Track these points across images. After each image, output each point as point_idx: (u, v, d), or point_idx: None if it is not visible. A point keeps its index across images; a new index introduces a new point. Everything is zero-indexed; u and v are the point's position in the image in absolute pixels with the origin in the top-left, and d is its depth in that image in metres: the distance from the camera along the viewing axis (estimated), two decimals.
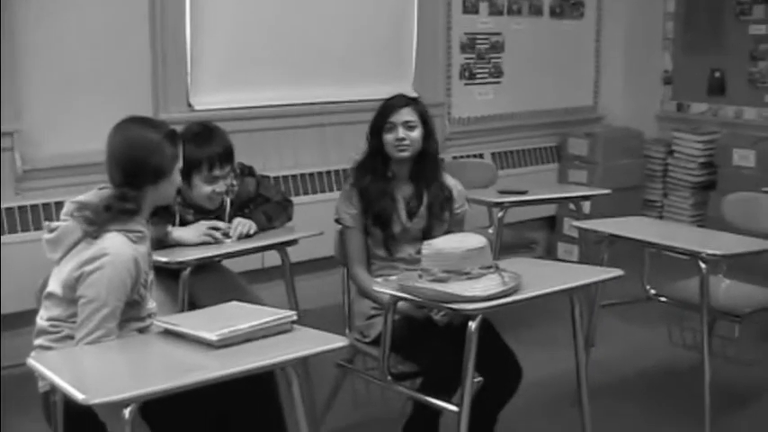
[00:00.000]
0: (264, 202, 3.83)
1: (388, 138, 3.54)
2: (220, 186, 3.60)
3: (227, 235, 3.62)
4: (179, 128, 3.15)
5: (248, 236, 3.68)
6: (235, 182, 3.71)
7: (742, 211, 4.60)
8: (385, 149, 3.56)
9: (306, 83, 5.53)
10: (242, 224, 3.68)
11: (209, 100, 5.15)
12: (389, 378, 3.32)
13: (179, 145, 2.91)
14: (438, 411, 3.26)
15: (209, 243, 3.57)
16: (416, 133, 3.56)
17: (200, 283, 3.57)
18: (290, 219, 3.91)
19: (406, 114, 3.56)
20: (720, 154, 6.73)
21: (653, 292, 4.38)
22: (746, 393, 4.42)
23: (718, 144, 6.79)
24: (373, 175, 3.57)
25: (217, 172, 3.56)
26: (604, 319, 4.62)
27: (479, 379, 3.28)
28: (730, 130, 6.87)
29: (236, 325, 2.58)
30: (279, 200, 3.88)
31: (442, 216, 3.60)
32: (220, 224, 3.64)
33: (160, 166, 2.83)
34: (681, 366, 4.59)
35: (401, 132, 3.53)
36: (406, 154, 3.55)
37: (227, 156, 3.60)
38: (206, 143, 3.55)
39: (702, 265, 3.79)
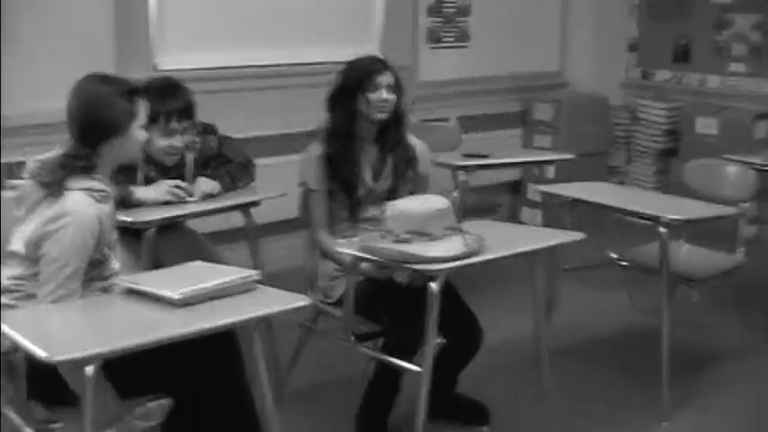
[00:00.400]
0: (227, 163, 3.81)
1: (372, 97, 3.52)
2: (177, 141, 3.55)
3: (189, 194, 3.61)
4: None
5: (211, 196, 3.67)
6: (196, 139, 3.69)
7: (703, 177, 4.65)
8: (361, 109, 3.55)
9: (271, 44, 5.50)
10: (205, 183, 3.66)
11: (174, 60, 5.10)
12: (352, 338, 3.35)
13: (137, 102, 2.86)
14: (400, 371, 3.29)
15: (173, 202, 3.56)
16: (394, 96, 3.56)
17: (163, 244, 3.56)
18: (252, 180, 3.89)
19: (389, 77, 3.57)
20: (684, 122, 6.78)
21: (614, 256, 4.42)
22: (705, 356, 4.49)
23: (681, 112, 6.84)
24: (344, 139, 3.56)
25: (174, 125, 3.52)
26: (566, 283, 4.67)
27: (441, 340, 3.31)
28: (694, 98, 6.91)
29: (198, 284, 2.59)
30: (241, 160, 3.85)
31: (406, 176, 3.61)
32: (182, 183, 3.62)
33: (112, 121, 2.80)
34: (641, 330, 4.65)
35: (385, 94, 3.54)
36: (384, 115, 3.56)
37: (185, 110, 3.55)
38: (165, 97, 3.51)
39: (663, 230, 3.82)
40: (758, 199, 5.91)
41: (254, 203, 3.81)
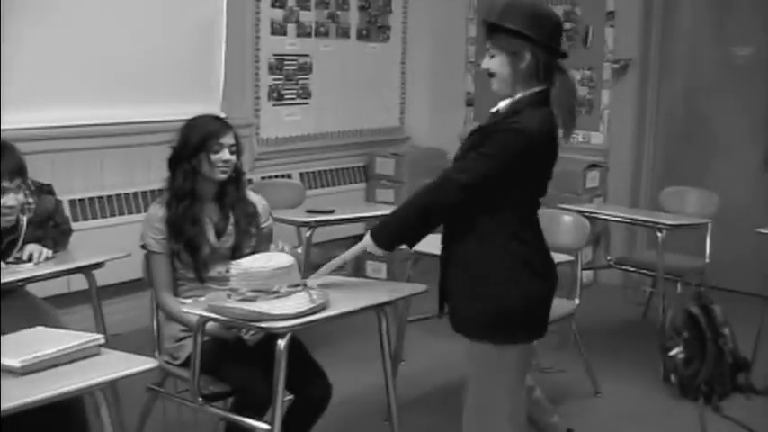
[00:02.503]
0: (54, 227, 3.77)
1: (215, 158, 3.50)
2: (10, 200, 3.46)
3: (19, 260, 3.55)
4: None
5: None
6: (30, 200, 3.62)
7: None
8: (202, 170, 3.54)
9: (111, 103, 5.44)
10: (35, 251, 3.61)
11: (12, 119, 4.98)
12: (200, 399, 3.31)
13: None
14: (250, 430, 3.27)
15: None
16: (235, 157, 3.57)
17: (2, 310, 3.45)
18: (65, 247, 3.85)
19: (230, 138, 3.56)
20: None
21: None
22: (549, 397, 4.62)
23: None
24: (188, 201, 3.54)
25: (6, 184, 3.44)
26: (413, 334, 4.74)
27: (290, 397, 3.33)
28: None
29: (40, 350, 2.53)
30: (66, 227, 3.84)
31: (249, 232, 3.62)
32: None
33: None
34: None
35: (227, 155, 3.54)
36: (225, 176, 3.55)
37: (17, 170, 3.50)
38: None
39: None
40: (592, 245, 6.19)
41: (97, 265, 3.76)
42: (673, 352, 4.73)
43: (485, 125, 2.97)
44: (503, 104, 2.93)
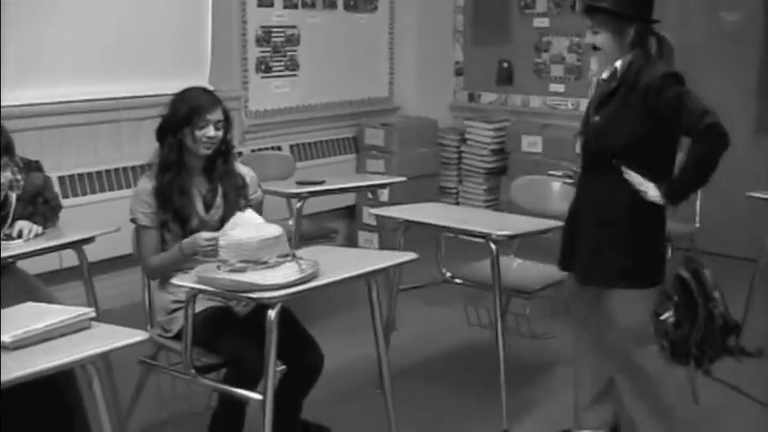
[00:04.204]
0: (44, 203, 3.78)
1: (199, 134, 3.49)
2: None
3: (9, 236, 3.56)
4: None
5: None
6: (19, 176, 3.62)
7: (530, 193, 4.84)
8: (187, 144, 3.54)
9: (99, 79, 5.41)
10: (25, 228, 3.62)
11: (4, 96, 4.96)
12: (193, 371, 3.32)
13: None
14: (244, 401, 3.29)
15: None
16: (221, 132, 3.56)
17: None
18: (55, 223, 3.86)
19: (218, 113, 3.54)
20: (510, 141, 7.04)
21: (449, 274, 4.54)
22: (539, 366, 4.66)
23: (507, 131, 7.09)
24: (174, 171, 3.54)
25: None
26: (405, 303, 4.76)
27: (282, 367, 3.34)
28: (519, 117, 7.18)
29: (29, 325, 2.54)
30: (56, 203, 3.85)
31: (238, 204, 3.61)
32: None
33: None
34: (479, 344, 4.78)
35: (213, 131, 3.53)
36: (209, 152, 3.54)
37: (5, 148, 3.50)
38: None
39: (493, 246, 3.96)
40: None
41: (88, 240, 3.76)
42: (663, 316, 4.73)
43: (620, 82, 3.31)
44: (618, 65, 3.33)
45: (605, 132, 3.33)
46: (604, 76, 3.40)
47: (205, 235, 3.38)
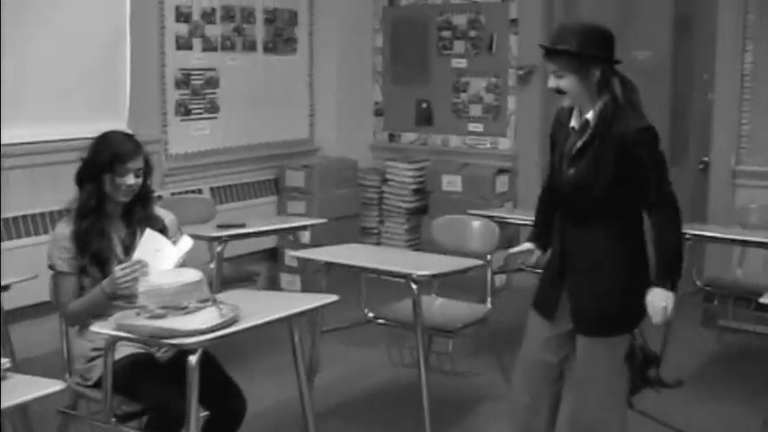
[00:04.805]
0: None
1: (119, 182, 3.46)
2: None
3: None
4: None
5: None
6: None
7: (451, 233, 4.88)
8: (106, 191, 3.50)
9: (15, 122, 5.30)
10: None
11: None
12: (114, 420, 3.27)
13: None
14: None
15: None
16: (140, 180, 3.54)
17: None
18: None
19: (139, 162, 3.51)
20: (430, 180, 7.10)
21: (371, 315, 4.55)
22: (463, 403, 4.68)
23: (427, 171, 7.17)
24: (93, 217, 3.50)
25: None
26: (329, 344, 4.76)
27: (205, 413, 3.31)
28: (438, 157, 7.26)
29: None
30: None
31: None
32: None
33: None
34: (403, 383, 4.79)
35: (132, 179, 3.49)
36: (127, 199, 3.52)
37: None
38: None
39: (414, 286, 3.99)
40: (504, 249, 6.25)
41: (4, 288, 3.70)
42: None
43: (592, 134, 3.28)
44: (590, 116, 3.27)
45: (585, 184, 3.28)
46: (574, 124, 3.35)
47: (118, 267, 3.35)
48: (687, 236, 4.89)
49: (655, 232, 3.25)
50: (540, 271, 3.68)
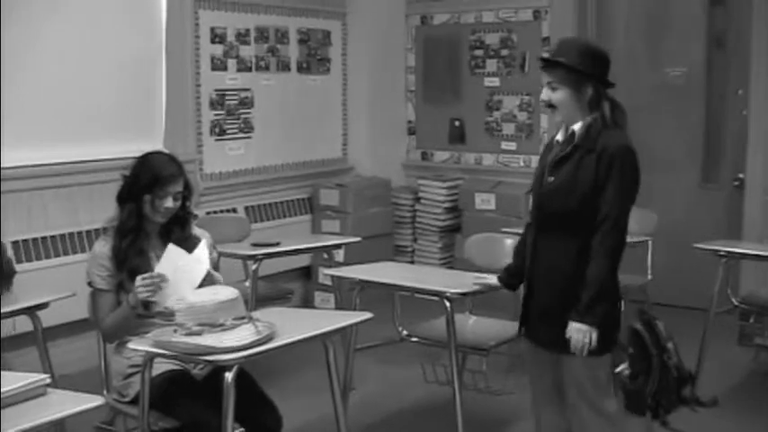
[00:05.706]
0: None
1: (158, 204, 3.52)
2: None
3: None
4: None
5: None
6: None
7: (484, 251, 4.88)
8: (145, 211, 3.55)
9: (53, 143, 5.39)
10: None
11: None
12: None
13: None
14: None
15: None
16: (179, 203, 3.59)
17: None
18: (9, 290, 3.84)
19: (179, 185, 3.57)
20: (463, 198, 7.11)
21: (405, 333, 4.56)
22: (497, 422, 4.67)
23: (460, 189, 7.17)
24: (133, 236, 3.55)
25: None
26: (362, 362, 4.77)
27: (240, 430, 3.33)
28: (471, 175, 7.27)
29: None
30: (9, 270, 3.84)
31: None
32: None
33: None
34: (436, 401, 4.79)
35: (171, 202, 3.55)
36: (164, 220, 3.58)
37: None
38: None
39: (447, 304, 4.00)
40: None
41: (42, 306, 3.75)
42: (619, 369, 4.79)
43: (576, 146, 3.29)
44: (576, 128, 3.30)
45: (559, 194, 3.31)
46: (559, 137, 3.38)
47: (138, 277, 3.39)
48: (722, 252, 4.91)
49: (590, 256, 3.25)
50: None
